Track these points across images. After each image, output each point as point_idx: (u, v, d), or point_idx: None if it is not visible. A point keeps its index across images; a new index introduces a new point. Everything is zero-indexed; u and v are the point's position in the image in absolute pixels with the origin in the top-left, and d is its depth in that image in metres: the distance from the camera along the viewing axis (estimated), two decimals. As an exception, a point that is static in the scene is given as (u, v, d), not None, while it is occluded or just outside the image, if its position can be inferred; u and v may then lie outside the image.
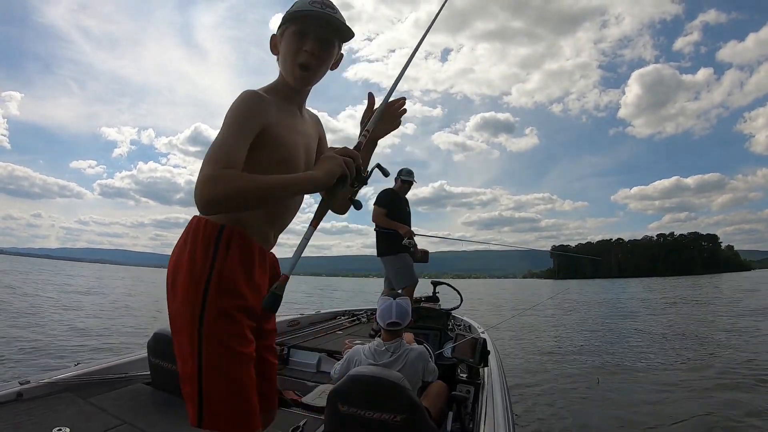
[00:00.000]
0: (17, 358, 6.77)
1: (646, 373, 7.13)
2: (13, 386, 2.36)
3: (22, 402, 2.31)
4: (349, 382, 1.94)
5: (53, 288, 23.66)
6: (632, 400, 5.73)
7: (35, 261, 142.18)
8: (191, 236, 1.28)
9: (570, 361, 8.27)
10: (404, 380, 1.98)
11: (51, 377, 2.52)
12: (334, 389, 1.95)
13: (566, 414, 5.18)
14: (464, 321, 5.07)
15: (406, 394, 1.91)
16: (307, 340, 4.23)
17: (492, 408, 2.44)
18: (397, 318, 2.68)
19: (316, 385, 3.29)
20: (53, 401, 2.37)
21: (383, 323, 2.70)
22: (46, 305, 14.21)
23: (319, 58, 1.37)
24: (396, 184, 5.33)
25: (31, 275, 34.79)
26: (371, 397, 1.90)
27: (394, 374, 2.01)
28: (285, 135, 1.34)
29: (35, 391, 2.40)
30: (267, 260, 1.40)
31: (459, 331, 3.76)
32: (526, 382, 6.44)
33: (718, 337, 10.51)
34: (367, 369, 2.08)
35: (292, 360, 3.82)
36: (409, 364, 2.57)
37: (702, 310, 17.38)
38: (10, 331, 8.86)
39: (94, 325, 10.56)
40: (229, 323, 1.23)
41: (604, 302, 25.28)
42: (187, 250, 1.26)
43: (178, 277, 1.25)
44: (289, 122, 1.38)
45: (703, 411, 5.07)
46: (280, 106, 1.36)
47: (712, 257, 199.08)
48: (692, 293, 29.75)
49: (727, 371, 6.94)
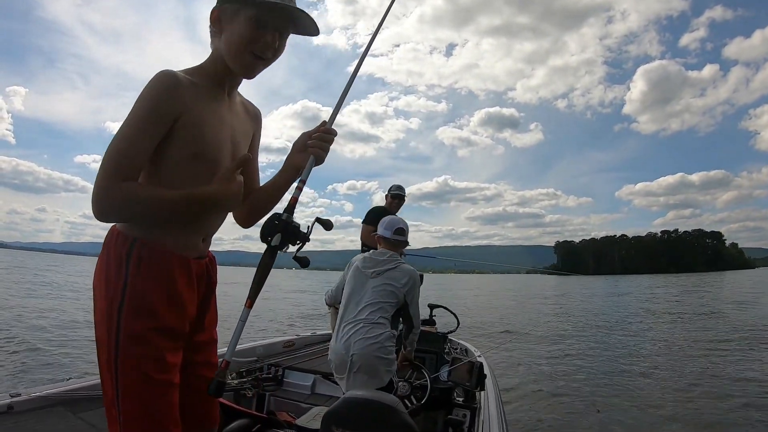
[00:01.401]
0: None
1: (649, 396, 7.06)
2: (4, 399, 2.35)
3: (12, 415, 2.29)
4: (344, 404, 1.93)
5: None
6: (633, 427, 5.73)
7: (40, 255, 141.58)
8: (105, 254, 1.20)
9: (569, 382, 8.14)
10: (399, 404, 1.99)
11: (42, 391, 2.50)
12: (329, 411, 1.95)
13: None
14: (461, 344, 5.04)
15: (401, 417, 1.91)
16: (302, 361, 4.23)
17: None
18: (404, 226, 2.88)
19: (310, 407, 3.29)
20: (44, 415, 2.35)
21: (390, 232, 2.85)
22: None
23: (277, 52, 1.28)
24: (386, 200, 5.24)
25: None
26: (366, 420, 1.86)
27: (389, 397, 2.01)
28: (204, 125, 1.21)
29: (26, 404, 2.38)
30: (192, 269, 1.28)
31: (456, 355, 3.74)
32: (523, 406, 6.36)
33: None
34: (362, 392, 2.09)
35: (287, 381, 3.83)
36: (401, 271, 2.73)
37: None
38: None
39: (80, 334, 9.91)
40: (144, 347, 1.15)
41: (606, 307, 24.80)
42: (103, 270, 1.18)
43: (96, 302, 1.19)
44: (212, 110, 1.25)
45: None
46: (204, 91, 1.23)
47: (716, 255, 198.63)
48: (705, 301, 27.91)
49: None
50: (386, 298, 2.67)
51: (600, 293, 37.49)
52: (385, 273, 2.74)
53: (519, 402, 6.59)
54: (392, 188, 5.19)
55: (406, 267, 2.81)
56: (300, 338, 5.07)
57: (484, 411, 2.82)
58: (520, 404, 6.49)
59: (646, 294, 34.13)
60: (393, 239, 2.85)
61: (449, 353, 3.88)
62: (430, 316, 4.91)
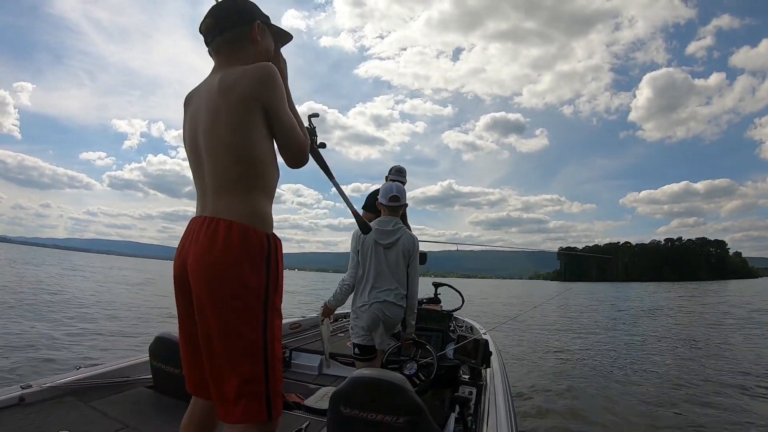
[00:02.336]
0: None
1: (649, 377, 7.10)
2: (15, 390, 2.35)
3: (24, 406, 2.30)
4: (351, 383, 1.92)
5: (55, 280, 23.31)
6: (637, 400, 5.73)
7: (43, 251, 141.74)
8: (239, 250, 1.37)
9: (573, 360, 8.24)
10: (406, 382, 1.98)
11: (53, 381, 2.51)
12: (336, 392, 1.94)
13: (569, 414, 5.19)
14: (466, 322, 5.06)
15: (408, 396, 1.89)
16: (309, 342, 4.23)
17: (494, 409, 2.44)
18: (397, 192, 3.18)
19: (318, 387, 3.29)
20: (55, 405, 2.36)
21: (385, 200, 3.17)
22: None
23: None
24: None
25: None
26: (374, 399, 1.88)
27: (396, 375, 2.00)
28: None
29: (37, 395, 2.39)
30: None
31: (461, 333, 3.75)
32: (528, 383, 6.44)
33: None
34: (369, 371, 2.08)
35: (295, 362, 3.82)
36: (404, 240, 3.14)
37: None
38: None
39: (97, 325, 10.16)
40: (279, 319, 1.46)
41: (605, 304, 24.82)
42: (238, 266, 1.36)
43: (234, 292, 1.36)
44: None
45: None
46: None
47: (719, 263, 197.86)
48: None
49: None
50: (401, 266, 3.15)
51: (604, 298, 37.46)
52: (397, 243, 3.14)
53: (525, 378, 6.65)
54: (391, 171, 4.66)
55: (409, 234, 3.22)
56: (306, 320, 5.07)
57: (490, 388, 2.83)
58: (526, 380, 6.55)
59: (652, 299, 34.10)
60: (389, 206, 3.21)
61: (454, 331, 3.88)
62: (435, 295, 4.89)
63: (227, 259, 1.35)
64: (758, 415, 5.23)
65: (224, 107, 1.42)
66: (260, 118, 1.43)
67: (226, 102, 1.42)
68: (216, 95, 1.44)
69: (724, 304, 26.10)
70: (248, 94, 1.41)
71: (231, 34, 1.53)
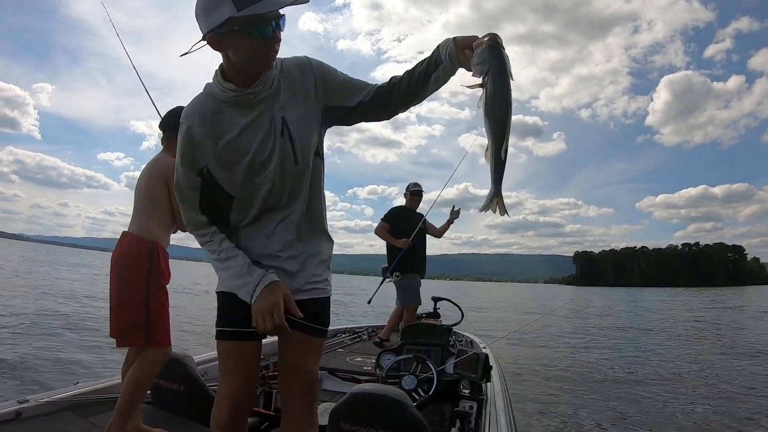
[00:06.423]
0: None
1: (655, 386, 7.04)
2: (12, 405, 2.30)
3: (20, 421, 2.25)
4: (351, 399, 1.90)
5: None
6: (641, 413, 5.70)
7: (60, 249, 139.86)
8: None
9: (577, 374, 8.13)
10: (407, 397, 1.97)
11: (50, 396, 2.46)
12: (336, 407, 1.94)
13: (571, 428, 5.16)
14: (466, 336, 5.07)
15: (409, 411, 1.87)
16: None
17: (495, 423, 2.44)
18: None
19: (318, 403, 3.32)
20: (52, 420, 2.32)
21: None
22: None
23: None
24: (406, 198, 5.75)
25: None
26: (374, 414, 1.86)
27: (396, 391, 1.98)
28: None
29: (34, 410, 2.33)
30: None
31: (461, 347, 3.72)
32: (529, 396, 6.37)
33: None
34: (369, 386, 2.05)
35: None
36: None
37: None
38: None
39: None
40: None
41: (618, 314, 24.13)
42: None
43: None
44: None
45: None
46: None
47: (737, 269, 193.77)
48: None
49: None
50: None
51: (620, 304, 36.80)
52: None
53: (525, 392, 6.58)
54: (410, 186, 5.82)
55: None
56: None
57: (490, 402, 2.82)
58: (527, 394, 6.49)
59: (669, 307, 33.33)
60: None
61: (454, 345, 3.88)
62: (434, 309, 4.94)
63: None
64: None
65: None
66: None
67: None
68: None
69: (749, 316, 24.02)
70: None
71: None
